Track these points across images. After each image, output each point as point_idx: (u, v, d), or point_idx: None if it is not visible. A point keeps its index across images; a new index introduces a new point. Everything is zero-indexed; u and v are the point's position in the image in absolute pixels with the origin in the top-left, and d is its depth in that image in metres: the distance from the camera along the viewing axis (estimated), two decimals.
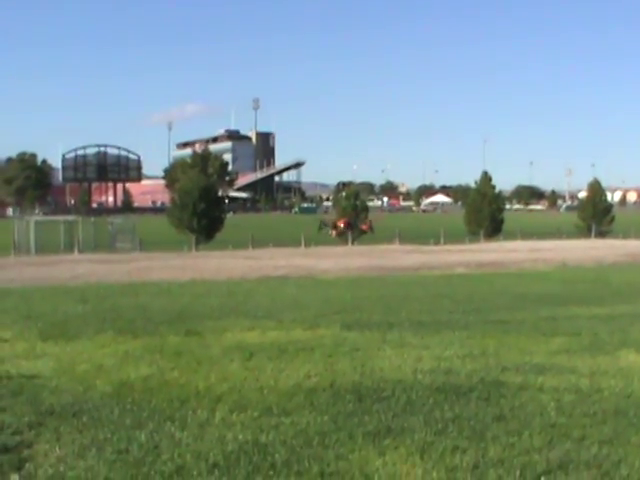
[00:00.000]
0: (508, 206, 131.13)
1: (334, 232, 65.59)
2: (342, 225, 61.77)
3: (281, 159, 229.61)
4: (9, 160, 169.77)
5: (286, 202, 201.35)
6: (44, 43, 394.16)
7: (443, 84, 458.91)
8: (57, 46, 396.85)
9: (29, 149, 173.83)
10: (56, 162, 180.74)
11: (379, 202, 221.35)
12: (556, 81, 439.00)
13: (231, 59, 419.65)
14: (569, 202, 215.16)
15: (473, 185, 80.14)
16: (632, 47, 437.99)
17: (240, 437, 6.81)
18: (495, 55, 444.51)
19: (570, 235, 71.62)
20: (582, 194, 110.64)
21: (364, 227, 65.77)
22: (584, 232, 74.56)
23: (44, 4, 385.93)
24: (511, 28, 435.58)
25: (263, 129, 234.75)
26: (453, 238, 61.81)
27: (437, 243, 60.26)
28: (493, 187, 74.48)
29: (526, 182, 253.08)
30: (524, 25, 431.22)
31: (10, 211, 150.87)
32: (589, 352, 11.30)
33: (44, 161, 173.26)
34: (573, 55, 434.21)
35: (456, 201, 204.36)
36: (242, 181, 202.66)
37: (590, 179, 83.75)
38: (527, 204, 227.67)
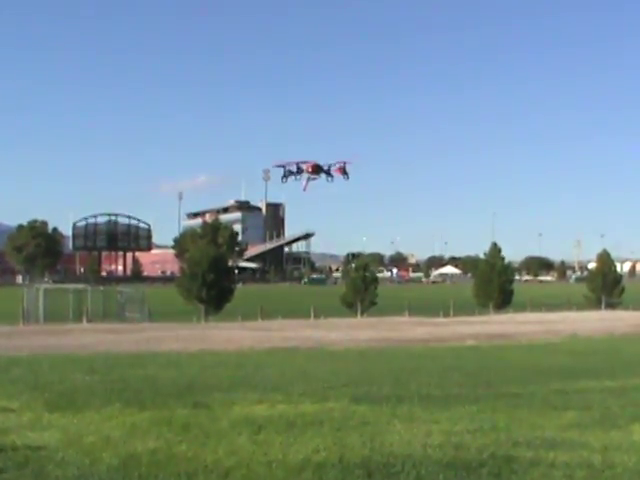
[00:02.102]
0: (517, 277, 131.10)
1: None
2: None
3: (291, 230, 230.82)
4: (20, 227, 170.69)
5: (295, 273, 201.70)
6: (56, 111, 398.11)
7: (451, 157, 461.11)
8: (69, 114, 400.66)
9: (40, 217, 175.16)
10: (67, 230, 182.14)
11: (388, 273, 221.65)
12: (564, 153, 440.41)
13: (241, 131, 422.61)
14: (578, 273, 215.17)
15: (482, 256, 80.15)
16: None
17: None
18: (502, 129, 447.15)
19: (580, 306, 71.41)
20: (591, 265, 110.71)
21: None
22: (594, 303, 74.36)
23: (57, 72, 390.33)
24: (518, 102, 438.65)
25: (273, 200, 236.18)
26: (462, 310, 61.67)
27: (446, 315, 60.08)
28: (502, 258, 74.49)
29: (535, 253, 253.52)
30: (531, 98, 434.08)
31: (20, 279, 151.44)
32: (601, 426, 11.18)
33: (55, 229, 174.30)
34: (581, 127, 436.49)
35: (465, 272, 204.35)
36: (252, 251, 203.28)
37: (599, 250, 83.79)
38: (536, 275, 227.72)
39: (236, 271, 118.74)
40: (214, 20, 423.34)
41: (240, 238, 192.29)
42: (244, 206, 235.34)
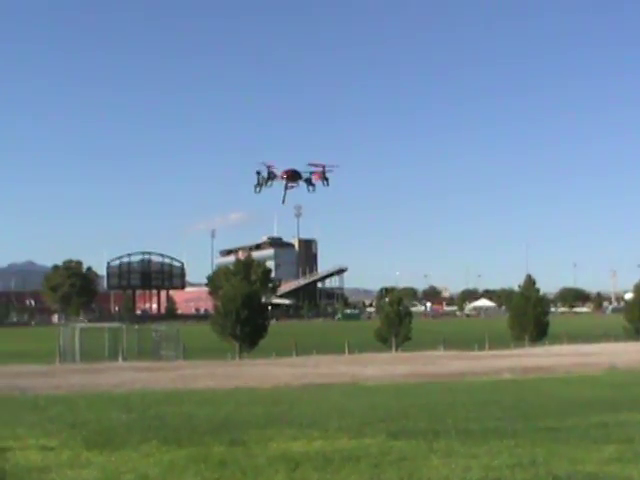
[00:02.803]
0: (553, 309, 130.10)
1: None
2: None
3: (323, 265, 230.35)
4: (55, 268, 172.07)
5: (329, 308, 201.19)
6: (90, 152, 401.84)
7: (483, 189, 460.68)
8: (102, 155, 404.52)
9: (75, 257, 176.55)
10: (101, 269, 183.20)
11: (422, 307, 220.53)
12: (598, 183, 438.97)
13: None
14: (615, 304, 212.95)
15: (517, 289, 79.63)
16: None
17: None
18: (534, 159, 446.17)
19: (618, 338, 70.62)
20: (628, 295, 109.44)
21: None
22: (632, 334, 73.46)
23: (92, 115, 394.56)
24: (548, 132, 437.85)
25: (305, 236, 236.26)
26: (498, 343, 61.30)
27: (482, 348, 59.74)
28: (537, 290, 73.92)
29: (570, 284, 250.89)
30: (562, 129, 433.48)
31: (56, 318, 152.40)
32: None
33: (89, 268, 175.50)
34: (615, 158, 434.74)
35: (500, 305, 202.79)
36: (285, 288, 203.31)
37: (636, 280, 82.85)
38: (572, 307, 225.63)
39: (269, 307, 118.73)
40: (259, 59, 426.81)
41: (273, 274, 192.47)
42: (277, 242, 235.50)
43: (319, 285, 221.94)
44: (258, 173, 41.48)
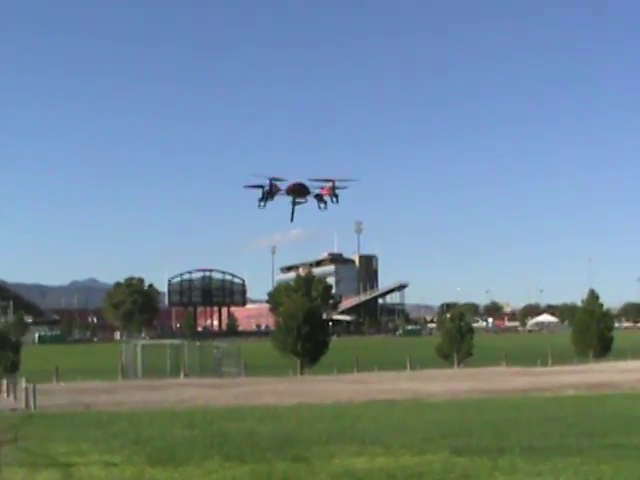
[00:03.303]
0: (617, 324, 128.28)
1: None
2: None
3: (384, 281, 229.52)
4: (117, 285, 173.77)
5: (390, 324, 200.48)
6: (151, 169, 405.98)
7: (544, 203, 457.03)
8: (163, 171, 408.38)
9: (136, 274, 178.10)
10: (162, 286, 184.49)
11: (484, 323, 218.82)
12: None
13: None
14: None
15: (579, 304, 78.74)
16: None
17: None
18: (596, 174, 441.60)
19: None
20: None
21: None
22: None
23: (149, 141, 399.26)
24: (610, 146, 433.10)
25: (366, 252, 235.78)
26: (561, 359, 60.63)
27: (544, 364, 59.10)
28: (601, 305, 73.01)
29: (634, 299, 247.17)
30: (622, 143, 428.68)
31: (118, 335, 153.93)
32: None
33: (150, 285, 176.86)
34: None
35: (562, 320, 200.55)
36: (346, 304, 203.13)
37: None
38: (636, 322, 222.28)
39: (330, 324, 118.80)
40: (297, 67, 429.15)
41: (334, 291, 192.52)
42: (337, 259, 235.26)
43: (380, 301, 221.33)
44: (261, 187, 38.22)
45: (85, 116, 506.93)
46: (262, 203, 38.51)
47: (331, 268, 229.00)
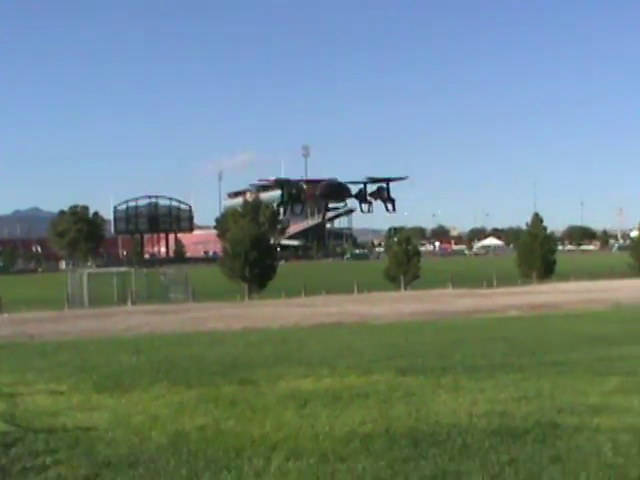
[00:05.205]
0: (560, 247, 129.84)
1: None
2: None
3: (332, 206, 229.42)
4: (61, 213, 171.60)
5: (338, 249, 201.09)
6: (91, 94, 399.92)
7: (489, 127, 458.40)
8: (105, 95, 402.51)
9: (81, 202, 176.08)
10: (108, 214, 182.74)
11: (431, 247, 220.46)
12: (604, 120, 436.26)
13: (279, 108, 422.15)
14: (621, 241, 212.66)
15: (524, 227, 79.75)
16: None
17: None
18: (540, 97, 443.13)
19: (623, 275, 70.71)
20: (634, 233, 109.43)
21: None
22: (637, 271, 73.52)
23: (93, 57, 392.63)
24: (556, 71, 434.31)
25: (314, 176, 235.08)
26: (505, 281, 61.49)
27: (490, 286, 59.91)
28: (544, 228, 74.03)
29: (577, 222, 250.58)
30: (568, 68, 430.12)
31: (63, 264, 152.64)
32: None
33: (96, 213, 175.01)
34: (619, 94, 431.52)
35: (508, 244, 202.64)
36: (293, 229, 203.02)
37: None
38: (579, 245, 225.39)
39: (278, 249, 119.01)
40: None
41: (281, 216, 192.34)
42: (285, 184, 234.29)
43: (328, 226, 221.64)
44: (281, 187, 30.38)
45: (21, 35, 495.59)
46: (282, 210, 29.92)
47: (278, 193, 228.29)
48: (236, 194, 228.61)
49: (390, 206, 31.30)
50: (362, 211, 31.75)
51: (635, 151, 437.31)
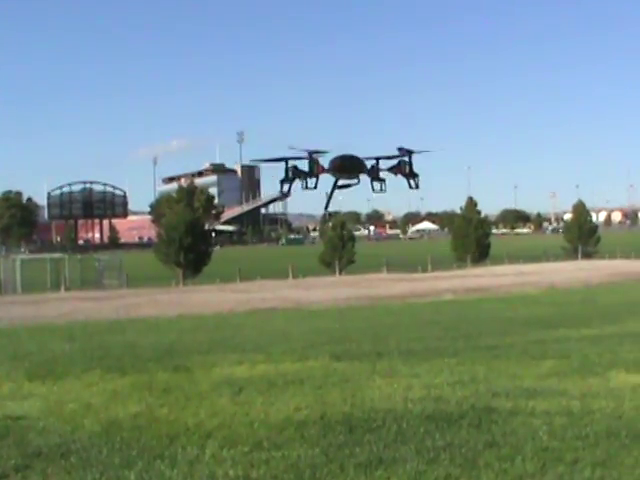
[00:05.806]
0: (494, 231, 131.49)
1: None
2: None
3: (267, 191, 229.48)
4: None
5: (273, 234, 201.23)
6: (25, 77, 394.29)
7: (424, 114, 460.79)
8: (39, 79, 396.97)
9: (14, 187, 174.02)
10: (41, 200, 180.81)
11: (366, 231, 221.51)
12: (537, 105, 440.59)
13: (214, 93, 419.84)
14: (555, 224, 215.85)
15: (459, 211, 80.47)
16: (615, 69, 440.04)
17: (231, 473, 6.72)
18: (473, 83, 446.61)
19: (557, 257, 71.80)
20: (567, 216, 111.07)
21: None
22: (571, 254, 74.78)
23: (30, 35, 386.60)
24: (495, 56, 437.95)
25: (248, 162, 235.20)
26: (440, 265, 61.98)
27: (424, 270, 60.34)
28: (478, 212, 74.83)
29: (511, 206, 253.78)
30: (506, 51, 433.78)
31: None
32: (579, 374, 11.27)
33: (29, 199, 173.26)
34: (554, 79, 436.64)
35: (442, 228, 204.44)
36: (228, 214, 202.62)
37: (574, 200, 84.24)
38: (513, 228, 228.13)
39: (213, 234, 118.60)
40: None
41: (216, 201, 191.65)
42: (219, 169, 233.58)
43: (263, 211, 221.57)
44: (286, 162, 28.41)
45: None
46: (286, 186, 28.89)
47: (213, 178, 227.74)
48: (171, 179, 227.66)
49: (413, 182, 30.09)
50: (373, 190, 30.02)
51: (567, 135, 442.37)
